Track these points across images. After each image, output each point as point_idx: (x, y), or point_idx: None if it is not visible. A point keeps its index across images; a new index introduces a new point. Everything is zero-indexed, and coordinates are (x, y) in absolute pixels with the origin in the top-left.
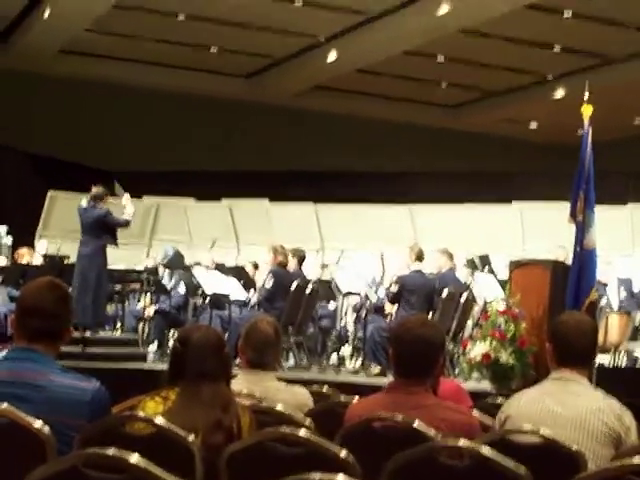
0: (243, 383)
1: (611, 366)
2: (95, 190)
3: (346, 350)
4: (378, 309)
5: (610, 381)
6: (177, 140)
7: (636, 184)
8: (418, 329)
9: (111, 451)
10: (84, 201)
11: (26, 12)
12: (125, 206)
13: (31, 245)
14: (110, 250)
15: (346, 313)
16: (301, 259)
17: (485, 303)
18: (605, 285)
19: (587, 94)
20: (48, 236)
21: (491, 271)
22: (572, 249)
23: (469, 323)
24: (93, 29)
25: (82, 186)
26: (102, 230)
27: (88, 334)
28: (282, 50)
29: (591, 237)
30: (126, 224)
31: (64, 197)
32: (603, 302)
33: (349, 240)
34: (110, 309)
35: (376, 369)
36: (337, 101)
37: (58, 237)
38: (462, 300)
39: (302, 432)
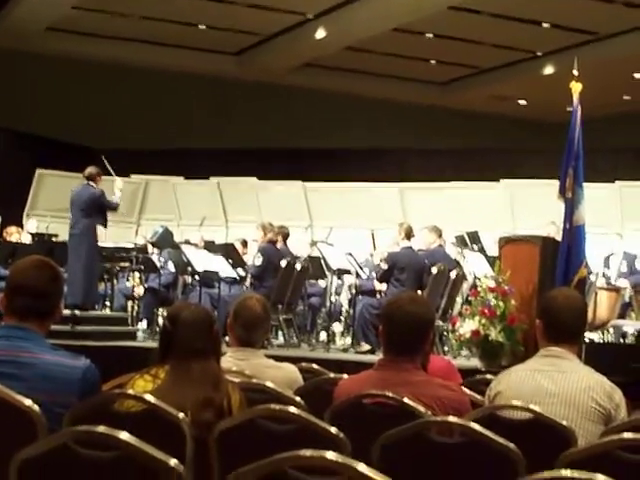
0: (232, 361)
1: (600, 341)
2: (89, 170)
3: (337, 327)
4: (368, 287)
5: (598, 357)
6: (165, 118)
7: (625, 161)
8: (408, 306)
9: (101, 428)
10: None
11: None
12: (115, 189)
13: (20, 224)
14: (99, 229)
15: (338, 290)
16: (285, 236)
17: (475, 280)
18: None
19: (576, 71)
20: (37, 215)
21: (481, 248)
22: (562, 226)
23: (458, 300)
24: (80, 6)
25: (70, 164)
26: (94, 210)
27: (77, 312)
28: (270, 27)
29: (580, 213)
30: (116, 208)
31: (52, 175)
32: (592, 278)
33: (338, 218)
34: (99, 287)
35: (365, 347)
36: (326, 78)
37: (47, 215)
38: (452, 277)
39: (292, 409)
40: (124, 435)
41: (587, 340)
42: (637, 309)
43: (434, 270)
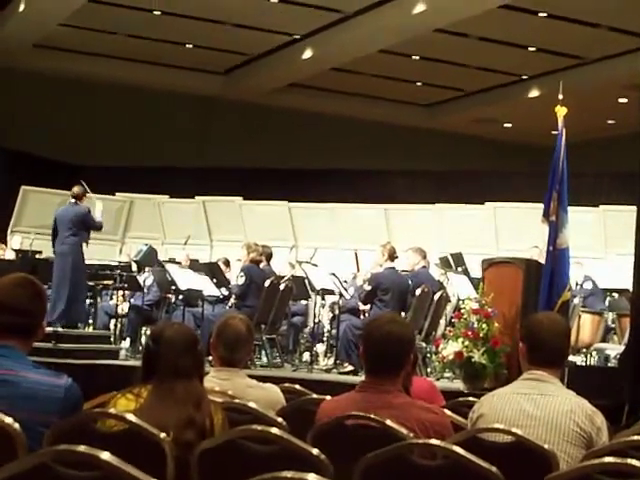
0: (215, 380)
1: (582, 365)
2: (75, 189)
3: (320, 348)
4: (352, 307)
5: (581, 380)
6: (151, 136)
7: (609, 185)
8: (386, 326)
9: (82, 448)
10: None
11: (0, 6)
12: (96, 211)
13: (3, 240)
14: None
15: (321, 310)
16: (269, 256)
17: (458, 302)
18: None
19: (561, 94)
20: (21, 231)
21: (464, 270)
22: (545, 249)
23: (442, 322)
24: (67, 24)
25: (55, 182)
26: (80, 228)
27: (60, 330)
28: (257, 47)
29: (564, 237)
30: (100, 228)
31: (37, 192)
32: (575, 302)
33: (323, 238)
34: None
35: (348, 367)
36: (312, 99)
37: (31, 232)
38: (435, 298)
39: (274, 430)
40: (105, 455)
41: (570, 363)
42: (620, 333)
43: (418, 291)
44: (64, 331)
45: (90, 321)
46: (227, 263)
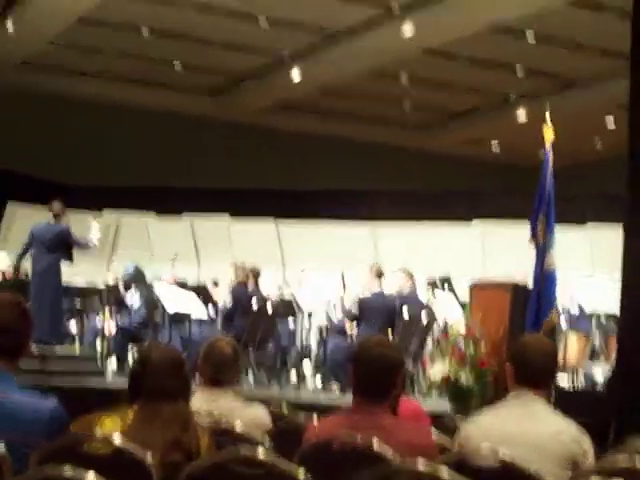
0: (201, 402)
1: (569, 387)
2: (54, 206)
3: (307, 368)
4: (339, 328)
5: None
6: (139, 155)
7: (595, 207)
8: (377, 349)
9: (67, 469)
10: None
11: None
12: (92, 232)
13: None
14: (69, 265)
15: (308, 330)
16: (256, 276)
17: (445, 323)
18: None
19: (548, 117)
20: (7, 250)
21: (452, 291)
22: (532, 270)
23: (429, 343)
24: (57, 42)
25: (43, 199)
26: (59, 247)
27: (46, 350)
28: (246, 68)
29: (551, 258)
30: (88, 247)
31: (23, 211)
32: (562, 323)
33: (310, 259)
34: (69, 324)
35: (335, 387)
36: (301, 120)
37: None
38: (423, 320)
39: (261, 453)
40: (91, 476)
41: (557, 385)
42: (606, 354)
43: (405, 313)
44: (50, 351)
45: (77, 341)
46: (216, 284)
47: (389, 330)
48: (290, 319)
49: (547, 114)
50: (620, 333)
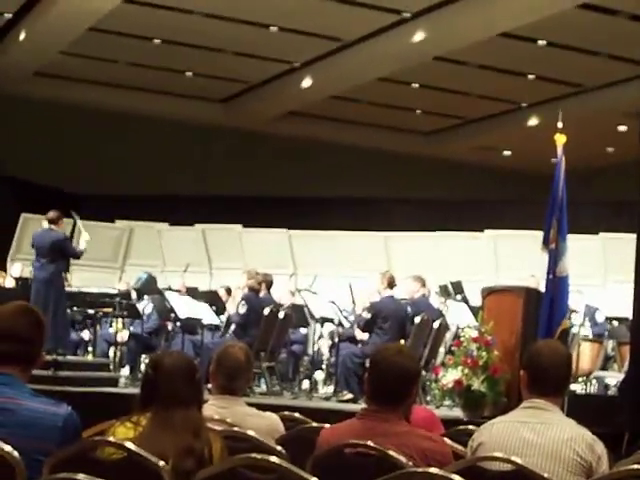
0: (214, 408)
1: (582, 393)
2: (51, 214)
3: (319, 376)
4: (350, 335)
5: (581, 409)
6: (151, 164)
7: (608, 213)
8: (394, 357)
9: (80, 476)
10: (45, 224)
11: (1, 34)
12: (81, 240)
13: (3, 268)
14: (82, 273)
15: (320, 338)
16: (269, 284)
17: (458, 330)
18: (575, 312)
19: (560, 123)
20: (21, 259)
21: (464, 297)
22: (544, 277)
23: (441, 350)
24: (68, 52)
25: (55, 209)
26: (57, 255)
27: (59, 358)
28: (257, 75)
29: (564, 265)
30: (79, 256)
31: (37, 220)
32: (575, 330)
33: (322, 266)
34: (82, 333)
35: (348, 395)
36: (312, 127)
37: (31, 260)
38: (435, 327)
39: (273, 458)
40: None
41: (570, 392)
42: (619, 361)
43: (417, 319)
44: (63, 359)
45: (89, 349)
46: (229, 291)
47: (401, 336)
48: (302, 326)
49: (559, 120)
50: (633, 340)
